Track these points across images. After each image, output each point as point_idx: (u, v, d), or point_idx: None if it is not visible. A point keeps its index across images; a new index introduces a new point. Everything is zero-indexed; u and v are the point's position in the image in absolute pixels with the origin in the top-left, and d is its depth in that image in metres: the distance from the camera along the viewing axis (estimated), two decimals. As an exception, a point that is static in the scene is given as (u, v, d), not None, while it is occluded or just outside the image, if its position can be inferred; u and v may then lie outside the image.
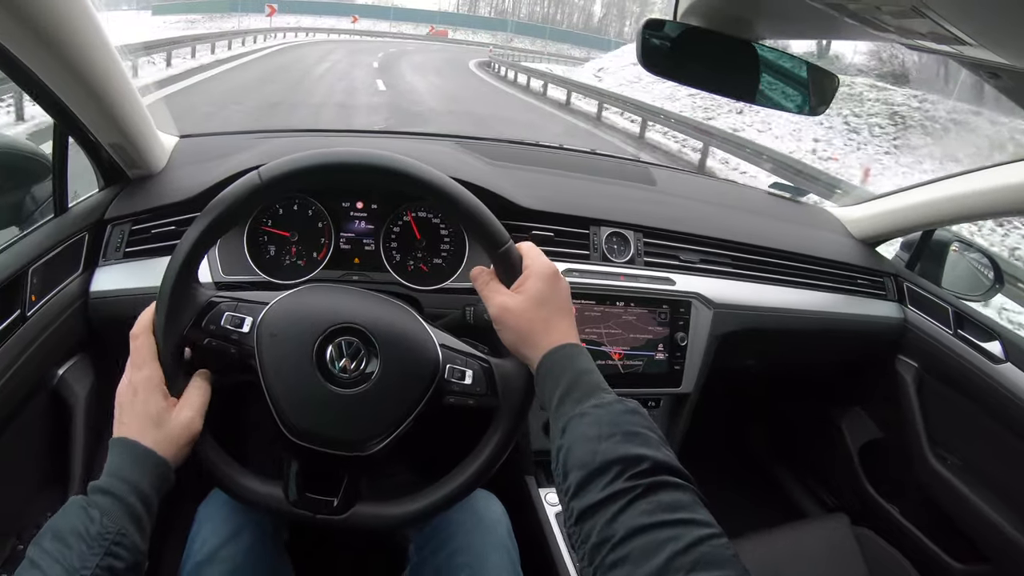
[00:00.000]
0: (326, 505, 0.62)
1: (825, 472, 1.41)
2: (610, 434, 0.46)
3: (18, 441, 0.74)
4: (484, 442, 0.65)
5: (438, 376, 0.63)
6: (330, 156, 0.62)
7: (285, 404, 0.60)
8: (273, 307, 0.63)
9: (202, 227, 0.60)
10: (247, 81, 10.40)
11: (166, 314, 0.60)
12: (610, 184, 1.14)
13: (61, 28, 0.61)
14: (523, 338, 0.58)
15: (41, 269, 0.77)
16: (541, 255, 0.62)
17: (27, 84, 0.67)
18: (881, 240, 1.25)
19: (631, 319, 0.96)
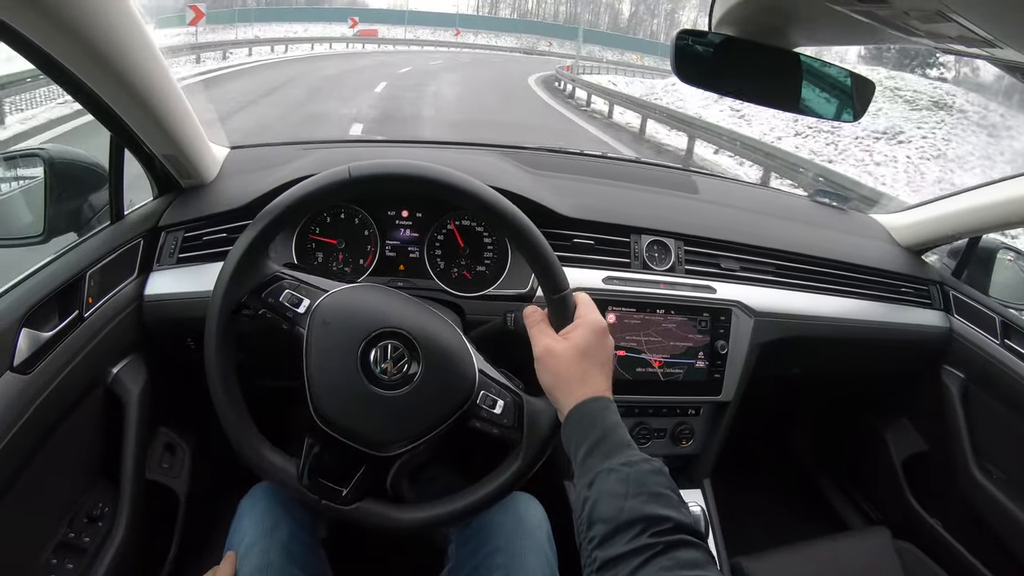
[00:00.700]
0: (335, 494, 0.65)
1: (868, 483, 1.39)
2: (637, 493, 0.49)
3: (73, 435, 0.78)
4: (498, 472, 0.67)
5: (470, 399, 0.65)
6: (418, 169, 0.65)
7: (321, 391, 0.63)
8: (332, 296, 0.66)
9: (291, 201, 0.65)
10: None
11: (231, 274, 0.65)
12: (651, 192, 1.14)
13: (116, 46, 0.64)
14: (560, 383, 0.60)
15: (98, 273, 0.81)
16: (594, 309, 0.65)
17: (85, 99, 0.71)
18: (927, 247, 1.23)
19: (671, 327, 0.96)
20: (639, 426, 1.00)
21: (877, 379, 1.32)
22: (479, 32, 52.09)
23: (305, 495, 0.65)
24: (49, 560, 0.76)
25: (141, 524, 0.87)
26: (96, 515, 0.82)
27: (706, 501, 1.03)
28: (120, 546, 0.82)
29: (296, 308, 0.65)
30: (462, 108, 10.47)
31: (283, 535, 0.75)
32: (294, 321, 0.65)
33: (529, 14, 62.40)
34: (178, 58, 11.12)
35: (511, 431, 0.66)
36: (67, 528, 0.79)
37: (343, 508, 0.65)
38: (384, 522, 0.66)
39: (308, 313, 0.65)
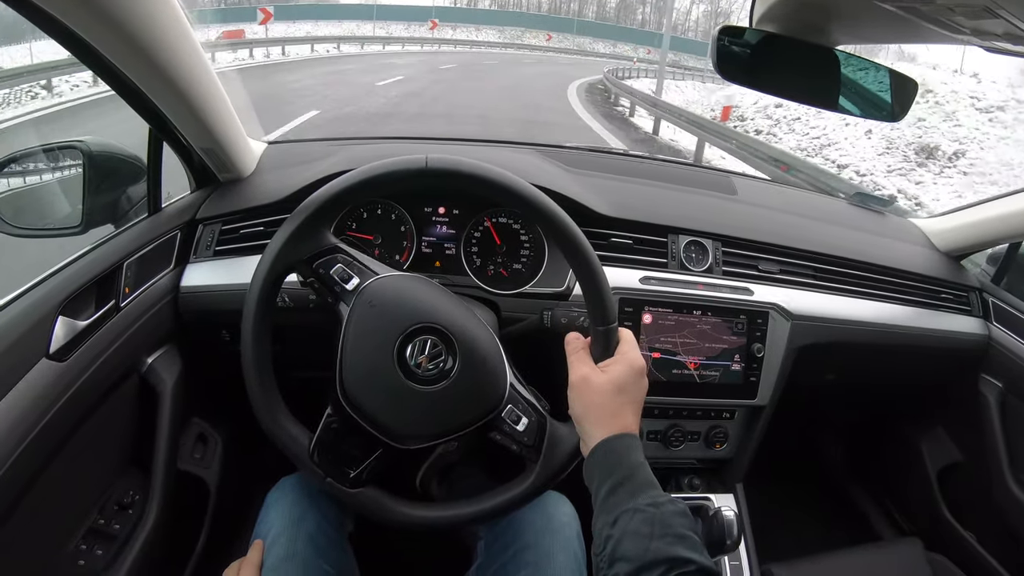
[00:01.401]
0: (342, 474, 0.65)
1: (901, 493, 1.37)
2: (662, 534, 0.50)
3: (107, 422, 0.79)
4: (506, 488, 0.68)
5: (497, 411, 0.66)
6: (497, 176, 0.65)
7: (352, 370, 0.63)
8: (383, 280, 0.67)
9: (369, 175, 0.65)
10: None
11: (291, 232, 0.65)
12: (689, 192, 1.13)
13: (157, 39, 0.65)
14: (591, 415, 0.61)
15: (135, 264, 0.82)
16: (636, 347, 0.65)
17: (126, 93, 0.72)
18: (966, 253, 1.20)
19: (708, 328, 0.95)
20: (673, 428, 0.99)
21: (913, 387, 1.30)
22: (457, 26, 47.14)
23: (312, 469, 0.65)
24: (79, 546, 0.77)
25: (171, 513, 0.88)
26: (127, 503, 0.83)
27: (739, 506, 1.02)
28: (150, 534, 0.83)
29: (345, 284, 0.66)
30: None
31: (310, 527, 0.76)
32: (340, 296, 0.66)
33: (510, 4, 57.42)
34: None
35: (530, 450, 0.67)
36: (98, 514, 0.80)
37: (346, 490, 0.65)
38: (381, 513, 0.66)
39: (356, 291, 0.66)
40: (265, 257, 0.65)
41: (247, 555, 0.73)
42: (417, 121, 7.94)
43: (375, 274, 0.68)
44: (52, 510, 0.72)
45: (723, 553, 0.83)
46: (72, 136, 0.88)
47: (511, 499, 0.67)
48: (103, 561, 0.78)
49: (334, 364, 0.64)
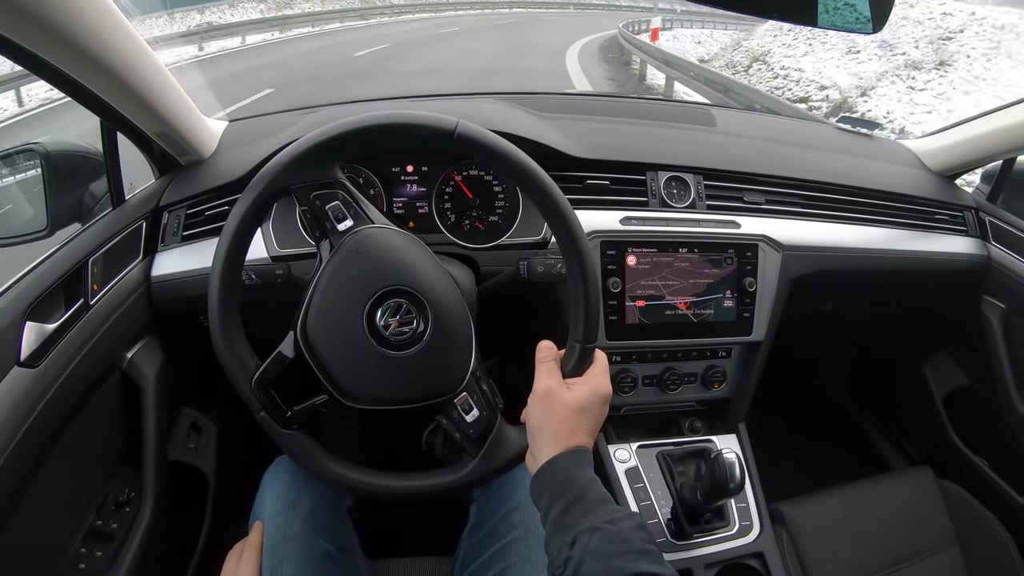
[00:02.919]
0: (278, 411, 0.64)
1: (908, 421, 1.36)
2: (624, 552, 0.50)
3: (93, 423, 0.78)
4: (436, 474, 0.67)
5: (451, 394, 0.65)
6: (514, 155, 0.63)
7: (316, 315, 0.62)
8: (377, 230, 0.65)
9: (393, 121, 0.62)
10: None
11: (302, 153, 0.62)
12: (667, 127, 1.10)
13: (88, 29, 0.63)
14: (548, 428, 0.60)
15: (101, 259, 0.80)
16: (607, 374, 0.65)
17: (67, 87, 0.70)
18: (960, 172, 1.18)
19: (695, 266, 0.93)
20: (668, 371, 0.97)
21: (913, 312, 1.28)
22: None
23: (250, 399, 0.64)
24: (79, 549, 0.77)
25: (169, 505, 0.88)
26: (123, 501, 0.83)
27: (742, 446, 1.00)
28: (147, 529, 0.83)
29: (337, 223, 0.64)
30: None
31: (306, 506, 0.75)
32: (327, 233, 0.64)
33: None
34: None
35: (472, 444, 0.66)
36: (95, 516, 0.80)
37: (277, 427, 0.64)
38: (304, 461, 0.65)
39: (346, 233, 0.64)
40: (266, 171, 0.62)
41: (248, 537, 0.73)
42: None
43: (370, 221, 0.66)
44: (48, 516, 0.71)
45: (727, 496, 0.82)
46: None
47: (434, 485, 0.66)
48: (103, 562, 0.78)
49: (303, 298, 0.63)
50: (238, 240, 0.63)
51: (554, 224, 0.64)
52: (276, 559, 0.70)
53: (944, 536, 1.06)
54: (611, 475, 0.93)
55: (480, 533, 0.78)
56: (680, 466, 0.95)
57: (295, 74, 8.48)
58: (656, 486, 0.92)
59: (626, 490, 0.92)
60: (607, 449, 0.95)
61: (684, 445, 0.98)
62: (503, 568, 0.73)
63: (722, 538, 0.90)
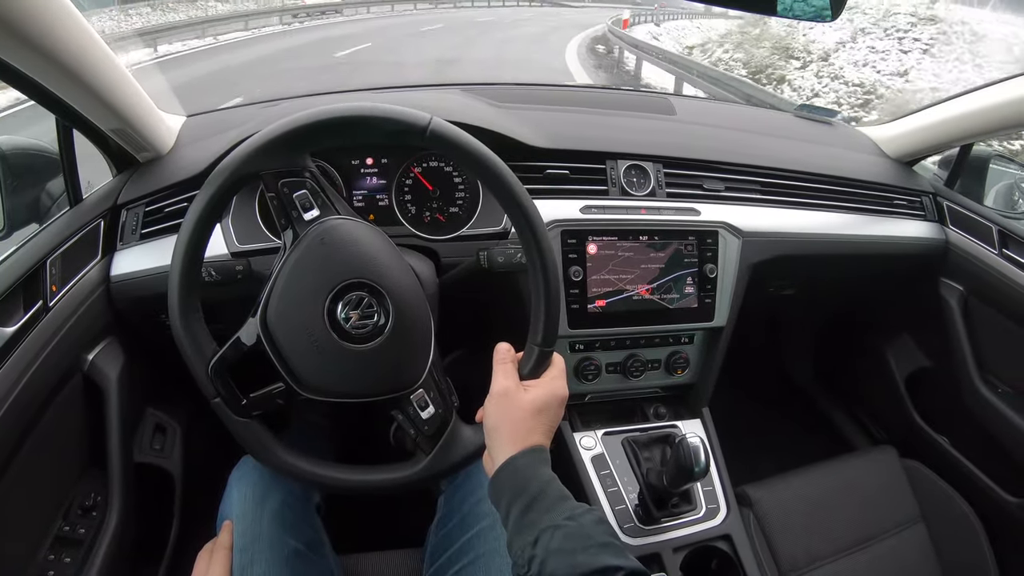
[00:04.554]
0: (234, 398, 0.64)
1: (871, 403, 1.40)
2: (586, 547, 0.51)
3: (57, 428, 0.78)
4: (389, 468, 0.68)
5: (408, 390, 0.66)
6: (496, 164, 0.65)
7: (278, 304, 0.63)
8: (342, 222, 0.66)
9: (368, 114, 0.62)
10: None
11: (270, 140, 0.63)
12: (626, 116, 1.12)
13: (38, 23, 0.62)
14: (503, 428, 0.61)
15: (59, 260, 0.80)
16: (564, 376, 0.66)
17: (17, 82, 0.69)
18: (917, 158, 1.22)
19: (657, 253, 0.95)
20: (632, 358, 0.99)
21: (874, 296, 1.32)
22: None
23: (204, 384, 0.64)
24: (47, 556, 0.76)
25: (136, 508, 0.88)
26: (89, 505, 0.83)
27: (706, 431, 1.03)
28: (115, 533, 0.83)
29: (303, 212, 0.65)
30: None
31: (274, 504, 0.75)
32: (292, 222, 0.65)
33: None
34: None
35: (426, 441, 0.67)
36: (62, 521, 0.80)
37: (231, 415, 0.65)
38: (257, 450, 0.66)
39: (311, 223, 0.64)
40: (236, 155, 0.63)
41: (218, 537, 0.73)
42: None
43: (337, 212, 0.66)
44: (13, 524, 0.71)
45: (693, 480, 0.84)
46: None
47: (386, 480, 0.67)
48: (72, 568, 0.77)
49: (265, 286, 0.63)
50: (201, 225, 0.64)
51: (519, 226, 0.65)
52: (246, 559, 0.70)
53: (909, 513, 1.10)
54: (577, 462, 0.94)
55: (448, 525, 0.79)
56: (646, 452, 0.97)
57: (273, 81, 8.17)
58: (622, 472, 0.94)
59: (592, 477, 0.93)
60: (572, 437, 0.96)
61: (649, 431, 1.00)
62: (472, 559, 0.74)
63: (689, 522, 0.92)
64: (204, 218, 0.63)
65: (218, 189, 0.63)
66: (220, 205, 0.64)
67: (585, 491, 0.92)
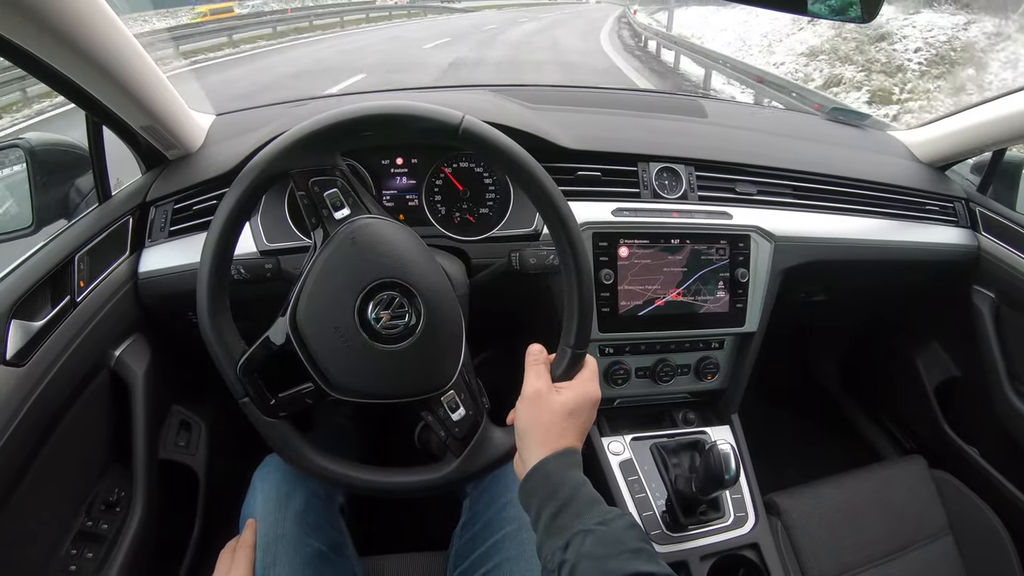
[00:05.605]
0: (263, 398, 0.65)
1: (901, 411, 1.39)
2: (618, 552, 0.51)
3: (81, 422, 0.79)
4: (420, 471, 0.68)
5: (438, 391, 0.66)
6: (522, 156, 0.64)
7: (308, 304, 0.63)
8: (373, 221, 0.66)
9: (398, 112, 0.63)
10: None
11: (302, 137, 0.63)
12: (658, 118, 1.12)
13: (72, 20, 0.63)
14: (535, 431, 0.61)
15: (87, 256, 0.81)
16: (596, 379, 0.66)
17: (50, 79, 0.70)
18: (949, 163, 1.21)
19: (688, 257, 0.95)
20: (661, 363, 0.99)
21: (904, 303, 1.31)
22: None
23: (233, 384, 0.64)
24: (69, 551, 0.77)
25: (160, 505, 0.89)
26: (113, 500, 0.84)
27: (736, 437, 1.02)
28: (138, 529, 0.84)
29: (334, 211, 0.65)
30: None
31: (298, 504, 0.76)
32: (322, 221, 0.65)
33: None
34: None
35: (456, 443, 0.67)
36: (85, 516, 0.80)
37: (260, 414, 0.65)
38: (285, 450, 0.66)
39: (342, 222, 0.64)
40: (266, 153, 0.63)
41: (242, 535, 0.74)
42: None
43: (368, 211, 0.66)
44: (36, 519, 0.71)
45: (723, 488, 0.84)
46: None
47: (415, 483, 0.67)
48: (94, 563, 0.78)
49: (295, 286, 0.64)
50: (231, 224, 0.64)
51: (552, 226, 0.65)
52: (268, 559, 0.71)
53: (937, 525, 1.09)
54: (605, 468, 0.94)
55: (473, 529, 0.79)
56: (674, 458, 0.97)
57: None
58: (650, 478, 0.94)
59: (620, 483, 0.93)
60: (601, 442, 0.96)
61: (678, 437, 1.00)
62: (497, 563, 0.74)
63: (717, 529, 0.92)
64: (234, 216, 0.64)
65: (248, 187, 0.63)
66: (250, 203, 0.64)
67: (612, 496, 0.92)
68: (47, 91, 4.54)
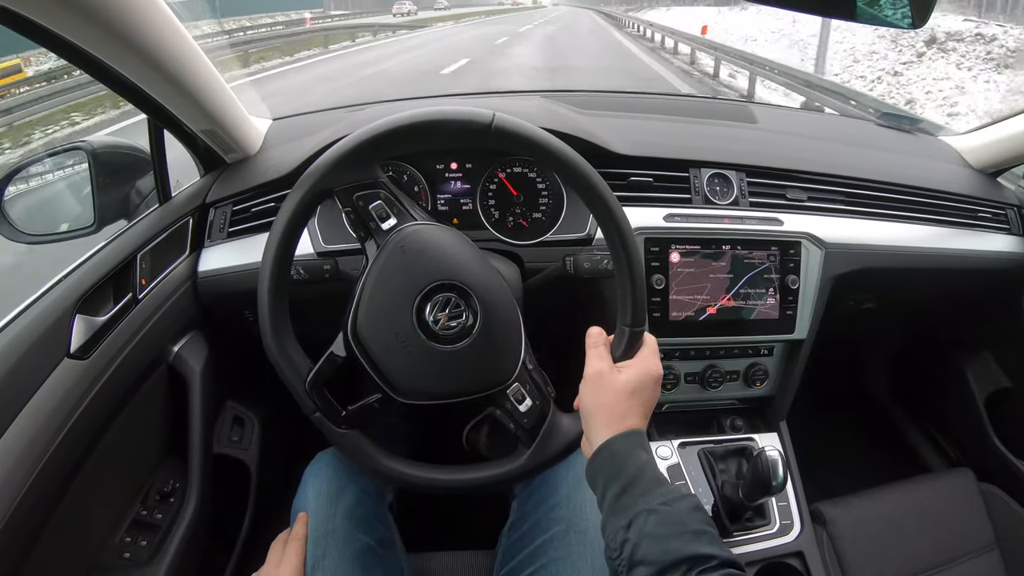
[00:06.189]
0: (334, 411, 0.66)
1: (949, 422, 1.37)
2: (680, 533, 0.51)
3: (139, 414, 0.82)
4: (494, 465, 0.69)
5: (503, 385, 0.66)
6: (555, 146, 0.64)
7: (366, 314, 0.64)
8: (420, 227, 0.67)
9: (428, 118, 0.63)
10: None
11: (340, 157, 0.64)
12: (708, 124, 1.12)
13: (139, 27, 0.66)
14: (600, 412, 0.61)
15: (149, 255, 0.84)
16: (657, 355, 0.66)
17: (117, 85, 0.73)
18: (1002, 168, 1.19)
19: (739, 263, 0.95)
20: (710, 369, 0.99)
21: (955, 311, 1.29)
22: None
23: (304, 400, 0.66)
24: (123, 538, 0.80)
25: (212, 497, 0.91)
26: (167, 491, 0.86)
27: (783, 445, 1.02)
28: (192, 520, 0.86)
29: (381, 222, 0.66)
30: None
31: (348, 501, 0.78)
32: (371, 233, 0.66)
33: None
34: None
35: (526, 434, 0.67)
36: (140, 506, 0.83)
37: (333, 428, 0.66)
38: (361, 459, 0.67)
39: (390, 232, 0.66)
40: (309, 174, 0.65)
41: (293, 528, 0.76)
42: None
43: (414, 219, 0.68)
44: (93, 506, 0.74)
45: (769, 495, 0.84)
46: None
47: (492, 476, 0.68)
48: (148, 551, 0.81)
49: (352, 298, 0.65)
50: (286, 240, 0.65)
51: (596, 209, 0.65)
52: (318, 553, 0.73)
53: (984, 539, 1.07)
54: None
55: (521, 529, 0.80)
56: (721, 464, 0.97)
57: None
58: (697, 483, 0.95)
59: None
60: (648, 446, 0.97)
61: (725, 443, 1.00)
62: (544, 564, 0.74)
63: (762, 537, 0.92)
64: (287, 233, 0.65)
65: (296, 207, 0.65)
66: (301, 221, 0.66)
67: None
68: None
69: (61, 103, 6.37)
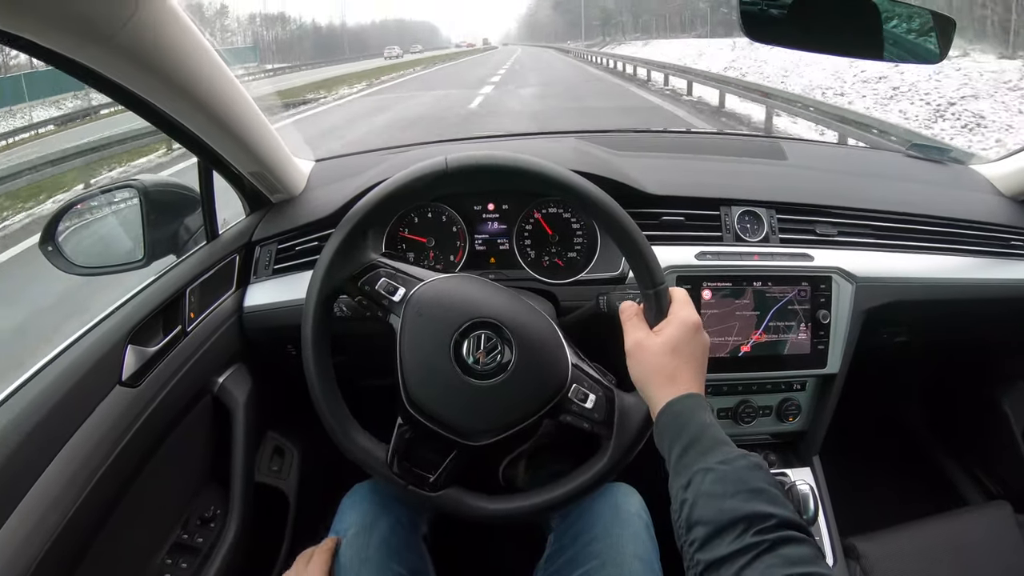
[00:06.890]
0: (422, 480, 0.68)
1: (986, 456, 1.36)
2: (736, 491, 0.49)
3: (184, 441, 0.85)
4: (586, 467, 0.69)
5: (563, 392, 0.68)
6: (513, 161, 0.68)
7: (413, 378, 0.67)
8: (427, 285, 0.70)
9: (390, 190, 0.68)
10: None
11: (329, 261, 0.69)
12: (738, 162, 1.14)
13: (191, 75, 0.70)
14: (650, 379, 0.62)
15: (198, 289, 0.88)
16: (689, 305, 0.66)
17: (169, 128, 0.77)
18: (1034, 196, 1.18)
19: (770, 300, 0.96)
20: (743, 404, 1.00)
21: (990, 342, 1.29)
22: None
23: (392, 479, 0.68)
24: (164, 560, 0.83)
25: (251, 525, 0.94)
26: (208, 517, 0.90)
27: (816, 480, 1.03)
28: (231, 545, 0.89)
29: (391, 296, 0.69)
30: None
31: (383, 531, 0.80)
32: (389, 309, 0.69)
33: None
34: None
35: (601, 426, 0.69)
36: (181, 530, 0.87)
37: (429, 495, 0.68)
38: (465, 510, 0.69)
39: (403, 302, 0.69)
40: (313, 282, 0.69)
41: (320, 545, 0.78)
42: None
43: (419, 281, 0.71)
44: (137, 528, 0.77)
45: None
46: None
47: (589, 480, 0.69)
48: (188, 573, 0.84)
49: (396, 373, 0.68)
50: (319, 345, 0.70)
51: (568, 195, 0.68)
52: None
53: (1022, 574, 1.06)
54: None
55: (557, 562, 0.81)
56: None
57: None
58: None
59: None
60: None
61: None
62: None
63: None
64: (318, 321, 0.70)
65: (315, 311, 0.69)
66: (327, 319, 0.70)
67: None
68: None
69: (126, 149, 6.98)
